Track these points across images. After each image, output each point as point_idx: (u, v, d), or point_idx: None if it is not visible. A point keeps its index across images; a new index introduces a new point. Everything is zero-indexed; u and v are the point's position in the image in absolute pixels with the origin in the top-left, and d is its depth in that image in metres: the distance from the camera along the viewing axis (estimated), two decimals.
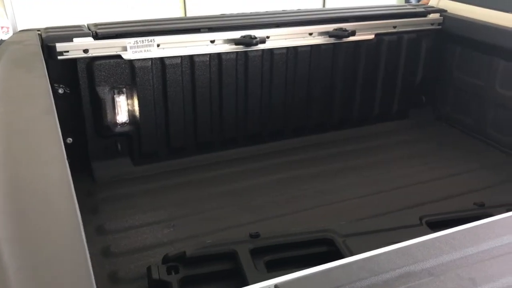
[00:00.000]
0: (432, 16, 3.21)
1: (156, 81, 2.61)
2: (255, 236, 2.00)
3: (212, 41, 2.66)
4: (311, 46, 2.89)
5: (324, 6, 6.45)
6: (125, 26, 2.57)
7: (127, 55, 2.50)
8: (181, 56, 2.62)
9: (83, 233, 0.94)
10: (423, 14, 3.19)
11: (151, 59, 2.56)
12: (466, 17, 3.10)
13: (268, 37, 2.76)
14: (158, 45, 2.54)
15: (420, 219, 2.22)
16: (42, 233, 0.96)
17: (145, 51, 2.53)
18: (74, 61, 2.43)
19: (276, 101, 2.92)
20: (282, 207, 2.39)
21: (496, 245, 0.95)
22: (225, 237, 2.08)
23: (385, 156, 2.94)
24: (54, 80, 2.40)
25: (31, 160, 1.26)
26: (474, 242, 0.97)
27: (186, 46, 2.61)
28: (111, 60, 2.49)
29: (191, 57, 2.63)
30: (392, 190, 2.56)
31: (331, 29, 2.91)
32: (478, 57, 3.06)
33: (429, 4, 3.38)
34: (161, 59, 2.58)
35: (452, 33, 3.17)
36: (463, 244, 0.96)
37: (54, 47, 2.37)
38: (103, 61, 2.48)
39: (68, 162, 1.24)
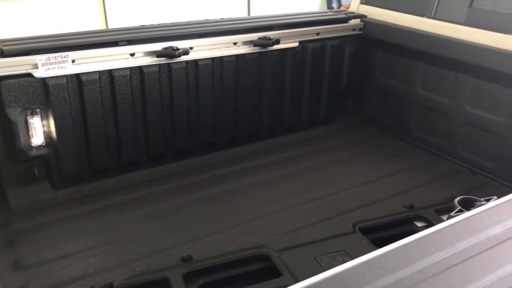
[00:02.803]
0: (353, 22, 3.27)
1: (73, 99, 2.44)
2: (187, 259, 1.91)
3: (132, 54, 2.53)
4: (236, 55, 2.84)
5: (249, 14, 6.44)
6: (35, 42, 2.39)
7: (38, 73, 2.31)
8: (99, 72, 2.47)
9: None
10: (345, 20, 3.24)
11: (66, 76, 2.39)
12: (385, 22, 3.18)
13: (191, 48, 2.67)
14: (73, 61, 2.38)
15: (353, 226, 2.22)
16: None
17: (58, 68, 2.36)
18: None
19: (204, 113, 2.84)
20: (214, 225, 2.31)
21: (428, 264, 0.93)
22: (156, 263, 1.97)
23: (314, 162, 2.94)
24: None
25: None
26: (407, 263, 0.94)
27: (104, 61, 2.47)
28: (21, 79, 2.30)
29: (110, 72, 2.49)
30: (324, 197, 2.55)
31: (255, 38, 2.87)
32: (399, 60, 3.14)
33: (349, 10, 3.44)
34: (77, 76, 2.42)
35: (372, 37, 3.24)
36: (396, 265, 0.93)
37: None
38: (11, 81, 2.28)
39: None
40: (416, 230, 2.27)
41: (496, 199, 1.24)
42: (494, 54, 2.53)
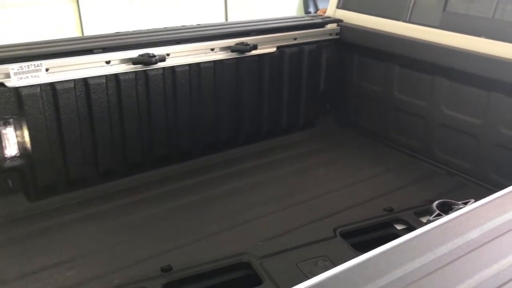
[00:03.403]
0: (329, 26, 3.28)
1: (47, 108, 2.39)
2: (166, 269, 1.88)
3: (108, 62, 2.49)
4: (214, 61, 2.83)
5: (226, 20, 6.43)
6: (7, 51, 2.34)
7: (11, 83, 2.26)
8: (74, 80, 2.43)
9: None
10: (321, 25, 3.26)
11: (40, 85, 2.34)
12: (361, 26, 3.20)
13: (168, 54, 2.65)
14: (47, 70, 2.34)
15: (334, 230, 2.23)
16: None
17: (32, 77, 2.31)
18: None
19: (182, 120, 2.81)
20: (194, 233, 2.28)
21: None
22: (135, 274, 1.93)
23: (294, 167, 2.94)
24: None
25: None
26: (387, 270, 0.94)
27: (79, 69, 2.42)
28: None
29: (85, 80, 2.45)
30: (304, 202, 2.55)
31: (233, 44, 2.86)
32: (375, 64, 3.17)
33: (326, 15, 3.46)
34: (52, 85, 2.37)
35: (349, 42, 3.26)
36: (377, 273, 0.93)
37: None
38: None
39: None
40: (396, 233, 2.28)
41: (473, 202, 1.25)
42: (468, 56, 2.57)
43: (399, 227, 2.31)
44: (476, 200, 1.26)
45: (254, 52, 2.91)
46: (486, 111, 2.57)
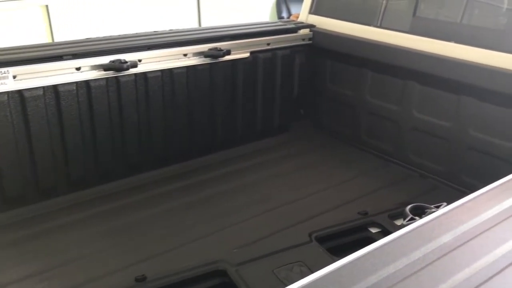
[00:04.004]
0: (302, 31, 3.30)
1: (15, 117, 2.33)
2: (141, 279, 1.85)
3: (78, 68, 2.45)
4: (187, 67, 2.81)
5: (200, 25, 6.40)
6: None
7: None
8: (43, 87, 2.37)
9: None
10: (294, 30, 3.27)
11: (7, 92, 2.28)
12: (333, 31, 3.23)
13: (140, 60, 2.62)
14: (14, 77, 2.28)
15: (310, 235, 2.23)
16: None
17: None
18: None
19: (155, 127, 2.78)
20: (168, 242, 2.24)
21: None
22: (109, 284, 1.89)
23: (270, 172, 2.93)
24: None
25: None
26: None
27: (48, 76, 2.37)
28: None
29: (55, 87, 2.40)
30: (279, 207, 2.55)
31: (206, 49, 2.85)
32: (348, 68, 3.20)
33: (299, 20, 3.47)
34: (20, 92, 2.31)
35: (321, 47, 3.28)
36: (351, 280, 0.93)
37: None
38: None
39: None
40: (371, 236, 2.30)
41: (445, 205, 1.27)
42: (438, 61, 2.61)
43: (373, 230, 2.33)
44: (448, 204, 1.28)
45: (227, 58, 2.91)
46: (456, 114, 2.62)
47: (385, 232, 2.24)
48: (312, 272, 1.35)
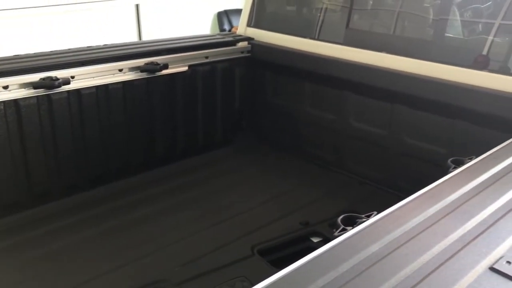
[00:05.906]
0: (241, 44, 3.31)
1: None
2: None
3: (6, 87, 2.34)
4: (123, 82, 2.75)
5: (140, 39, 6.29)
6: None
7: None
8: None
9: None
10: (232, 43, 3.28)
11: None
12: (272, 44, 3.26)
13: (73, 77, 2.54)
14: None
15: (252, 248, 2.22)
16: None
17: None
18: None
19: (91, 144, 2.69)
20: (107, 263, 2.17)
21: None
22: None
23: (211, 187, 2.91)
24: None
25: None
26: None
27: None
28: None
29: None
30: (221, 223, 2.52)
31: (142, 64, 2.80)
32: (287, 80, 3.24)
33: (237, 33, 3.49)
34: None
35: (260, 59, 3.31)
36: None
37: None
38: None
39: None
40: (313, 246, 2.32)
41: (375, 214, 1.29)
42: (371, 71, 2.69)
43: (315, 240, 2.36)
44: (378, 212, 1.30)
45: (165, 72, 2.87)
46: (390, 122, 2.70)
47: (327, 241, 2.25)
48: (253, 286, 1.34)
